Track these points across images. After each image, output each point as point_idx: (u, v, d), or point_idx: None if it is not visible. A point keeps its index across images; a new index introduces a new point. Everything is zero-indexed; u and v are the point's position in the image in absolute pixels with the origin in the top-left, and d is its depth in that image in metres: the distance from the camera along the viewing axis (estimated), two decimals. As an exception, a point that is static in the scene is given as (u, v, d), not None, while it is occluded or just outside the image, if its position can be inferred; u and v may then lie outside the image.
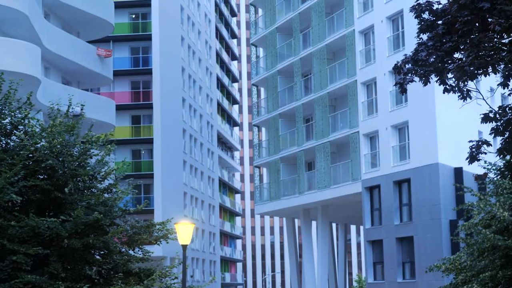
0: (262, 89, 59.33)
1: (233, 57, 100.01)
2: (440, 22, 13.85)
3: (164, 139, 64.92)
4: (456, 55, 13.82)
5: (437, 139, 41.10)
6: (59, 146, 17.81)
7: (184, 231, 17.59)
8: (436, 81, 14.31)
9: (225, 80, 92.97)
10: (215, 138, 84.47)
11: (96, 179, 18.78)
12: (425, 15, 14.38)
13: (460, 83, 13.97)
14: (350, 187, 46.96)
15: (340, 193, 47.95)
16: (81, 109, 19.82)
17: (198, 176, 75.73)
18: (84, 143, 18.39)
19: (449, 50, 13.24)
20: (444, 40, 13.34)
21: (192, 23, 76.40)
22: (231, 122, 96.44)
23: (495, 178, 23.76)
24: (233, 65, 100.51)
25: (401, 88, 14.26)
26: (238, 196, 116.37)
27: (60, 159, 17.89)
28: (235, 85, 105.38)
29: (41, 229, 17.12)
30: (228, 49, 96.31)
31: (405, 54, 14.55)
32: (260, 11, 59.33)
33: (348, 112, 47.32)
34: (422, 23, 14.27)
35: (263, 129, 58.84)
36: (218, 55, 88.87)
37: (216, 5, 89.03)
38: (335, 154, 49.70)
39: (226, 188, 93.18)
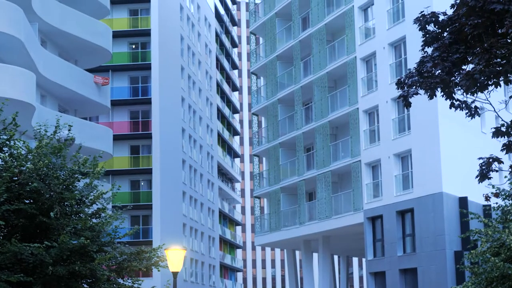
0: (262, 118, 58.53)
1: (234, 88, 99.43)
2: (446, 33, 13.00)
3: (163, 170, 64.02)
4: (464, 67, 12.95)
5: (441, 167, 40.13)
6: (44, 168, 16.89)
7: (175, 257, 16.64)
8: (442, 95, 13.43)
9: (226, 111, 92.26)
10: (216, 169, 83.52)
11: (84, 203, 17.84)
12: (430, 27, 13.55)
13: (468, 96, 13.03)
14: (351, 218, 45.95)
15: (341, 223, 46.92)
16: (69, 130, 18.91)
17: (198, 208, 74.69)
18: (74, 165, 17.47)
19: (456, 62, 12.38)
20: (451, 51, 12.48)
21: (193, 53, 75.85)
22: (232, 153, 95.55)
23: (504, 204, 22.78)
24: (234, 96, 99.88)
25: (405, 101, 13.38)
26: (238, 228, 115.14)
27: (46, 181, 16.97)
28: (236, 116, 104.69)
29: (24, 255, 16.17)
30: (229, 80, 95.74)
31: (409, 69, 13.73)
32: (260, 39, 58.74)
33: (349, 140, 46.46)
34: (427, 35, 13.43)
35: (264, 159, 57.94)
36: (218, 85, 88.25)
37: (217, 35, 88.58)
38: (336, 184, 48.75)
39: (227, 220, 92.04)
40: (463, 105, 13.80)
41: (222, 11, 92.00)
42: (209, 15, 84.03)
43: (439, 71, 12.69)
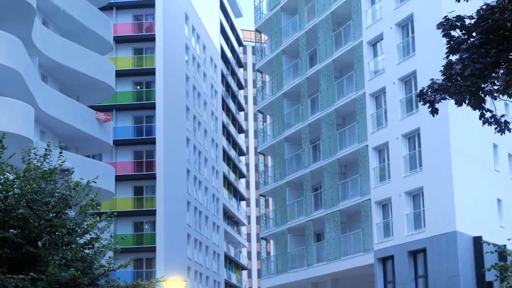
0: (269, 158, 57.18)
1: (240, 130, 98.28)
2: (475, 33, 11.68)
3: (167, 211, 62.53)
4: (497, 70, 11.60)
5: (454, 205, 38.60)
6: (33, 193, 15.52)
7: (174, 290, 15.21)
8: (468, 104, 12.06)
9: (232, 153, 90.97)
10: (221, 212, 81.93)
11: (76, 233, 16.42)
12: (455, 33, 12.26)
13: (502, 98, 11.64)
14: (361, 259, 44.30)
15: (351, 265, 45.25)
16: (60, 152, 17.56)
17: (203, 251, 72.97)
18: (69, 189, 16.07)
19: (489, 66, 11.05)
20: (481, 54, 11.16)
21: (198, 94, 74.83)
22: (238, 196, 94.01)
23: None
24: (240, 138, 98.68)
25: (432, 107, 11.99)
26: (244, 273, 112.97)
27: (34, 208, 15.58)
28: (242, 159, 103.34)
29: (7, 289, 14.75)
30: (235, 121, 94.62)
31: (432, 79, 12.42)
32: (267, 77, 57.70)
33: (359, 179, 45.03)
34: (452, 42, 12.12)
35: (270, 199, 56.46)
36: (224, 127, 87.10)
37: (223, 76, 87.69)
38: (345, 224, 47.18)
39: (232, 264, 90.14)
40: (492, 120, 12.40)
41: (228, 52, 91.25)
42: (215, 55, 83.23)
43: (469, 73, 11.32)
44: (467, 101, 11.97)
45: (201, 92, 75.95)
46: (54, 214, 15.95)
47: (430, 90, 11.93)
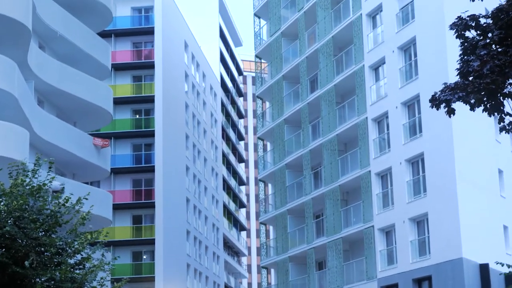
0: (269, 185, 56.24)
1: (240, 159, 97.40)
2: (494, 28, 10.88)
3: (166, 241, 61.46)
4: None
5: (460, 232, 37.63)
6: (20, 210, 14.63)
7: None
8: (484, 110, 11.23)
9: (232, 182, 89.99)
10: (221, 242, 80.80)
11: (66, 252, 15.49)
12: (469, 33, 11.46)
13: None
14: (365, 287, 43.19)
15: (354, 294, 44.19)
16: (49, 167, 16.69)
17: (203, 281, 71.75)
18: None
19: (508, 64, 10.21)
20: (500, 53, 10.35)
21: (198, 122, 74.08)
22: (238, 226, 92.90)
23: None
24: (240, 168, 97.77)
25: (448, 107, 11.11)
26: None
27: (21, 226, 14.69)
28: (243, 188, 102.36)
29: (-9, 311, 13.83)
30: (235, 151, 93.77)
31: (445, 83, 11.60)
32: (267, 104, 56.97)
33: (361, 205, 44.09)
34: (466, 43, 11.31)
35: (271, 227, 55.43)
36: (224, 156, 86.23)
37: (223, 105, 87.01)
38: (348, 252, 46.13)
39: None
40: (510, 126, 11.57)
41: (228, 81, 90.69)
42: (214, 84, 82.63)
43: (488, 69, 10.48)
44: (485, 103, 11.05)
45: (201, 120, 75.22)
46: (43, 232, 15.05)
47: (446, 90, 11.06)
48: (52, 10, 41.11)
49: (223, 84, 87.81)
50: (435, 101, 11.58)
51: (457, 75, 11.20)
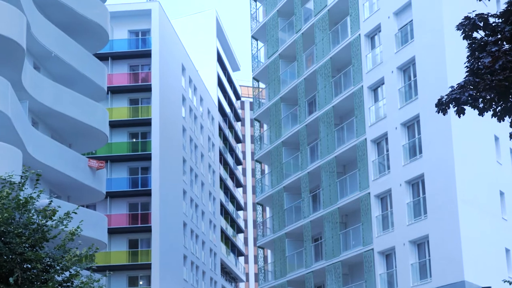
0: (267, 208, 55.50)
1: (238, 184, 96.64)
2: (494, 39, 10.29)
3: (163, 266, 60.54)
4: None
5: (462, 254, 36.88)
6: (4, 224, 13.96)
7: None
8: (494, 115, 10.59)
9: (230, 207, 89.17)
10: (219, 267, 79.84)
11: (53, 269, 14.79)
12: (477, 34, 10.87)
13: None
14: (364, 312, 42.39)
15: (353, 318, 43.34)
16: (37, 178, 16.03)
17: (200, 307, 70.76)
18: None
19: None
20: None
21: (195, 146, 73.44)
22: (236, 251, 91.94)
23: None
24: (238, 193, 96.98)
25: (458, 106, 10.48)
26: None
27: (6, 240, 14.00)
28: (240, 213, 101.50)
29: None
30: (233, 175, 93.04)
31: (452, 86, 11.00)
32: (265, 127, 56.40)
33: (360, 228, 43.36)
34: (474, 45, 10.70)
35: (269, 251, 54.60)
36: (222, 181, 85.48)
37: (220, 129, 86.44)
38: (347, 276, 45.33)
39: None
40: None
41: (225, 105, 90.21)
42: (212, 108, 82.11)
43: (501, 65, 9.86)
44: (494, 108, 10.42)
45: (198, 144, 74.58)
46: (29, 247, 14.35)
47: (455, 89, 10.44)
48: (47, 30, 40.68)
49: (221, 108, 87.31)
50: (442, 105, 10.98)
51: (466, 72, 10.59)
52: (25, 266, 14.23)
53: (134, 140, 63.77)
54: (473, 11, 11.11)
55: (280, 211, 51.21)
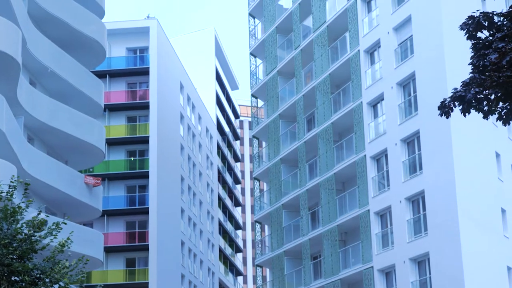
0: (266, 227, 54.91)
1: (237, 203, 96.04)
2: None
3: (160, 285, 59.88)
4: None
5: (463, 272, 36.29)
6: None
7: None
8: (499, 119, 10.13)
9: (228, 226, 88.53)
10: (217, 287, 79.07)
11: (42, 281, 14.27)
12: (481, 34, 10.45)
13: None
14: (364, 331, 41.72)
15: (353, 338, 42.67)
16: (26, 188, 15.53)
17: (198, 327, 69.97)
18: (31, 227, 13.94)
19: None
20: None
21: (193, 164, 72.95)
22: (234, 271, 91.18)
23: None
24: (237, 212, 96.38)
25: (463, 102, 10.01)
26: None
27: (-7, 252, 13.50)
28: (239, 233, 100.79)
29: None
30: (231, 194, 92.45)
31: (455, 88, 10.56)
32: (263, 144, 55.92)
33: (360, 246, 42.77)
34: (478, 45, 10.26)
35: (267, 270, 53.95)
36: (220, 199, 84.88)
37: (219, 148, 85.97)
38: (346, 294, 44.72)
39: None
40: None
41: (224, 124, 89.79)
42: (210, 126, 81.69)
43: (508, 61, 9.40)
44: (499, 111, 9.96)
45: (196, 162, 74.08)
46: (17, 259, 13.84)
47: (460, 87, 10.00)
48: (44, 45, 40.31)
49: (219, 127, 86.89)
50: (444, 108, 10.54)
51: (471, 69, 10.14)
52: (12, 278, 13.71)
53: (132, 158, 63.28)
54: (478, 10, 10.69)
55: (278, 229, 50.64)
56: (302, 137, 49.18)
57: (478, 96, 10.25)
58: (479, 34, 10.56)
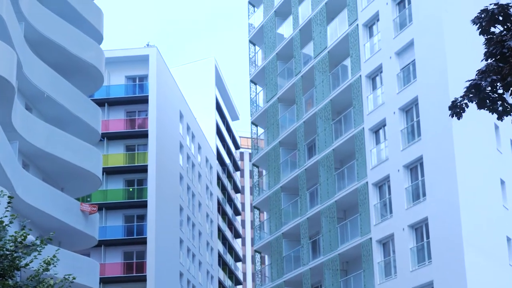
0: (266, 256, 53.87)
1: (237, 235, 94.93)
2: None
3: (158, 316, 58.71)
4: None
5: (468, 301, 35.27)
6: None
7: None
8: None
9: (228, 258, 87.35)
10: (217, 320, 77.79)
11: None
12: (495, 29, 9.70)
13: None
14: None
15: None
16: (9, 201, 14.70)
17: None
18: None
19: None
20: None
21: (192, 194, 72.04)
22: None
23: None
24: (237, 244, 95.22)
25: (478, 94, 9.20)
26: None
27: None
28: (239, 265, 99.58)
29: None
30: (231, 226, 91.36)
31: (468, 80, 9.79)
32: (264, 172, 55.07)
33: (362, 274, 41.76)
34: (492, 40, 9.51)
35: (267, 301, 52.81)
36: (220, 231, 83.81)
37: (219, 178, 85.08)
38: (348, 325, 43.59)
39: None
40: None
41: (224, 154, 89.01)
42: (210, 156, 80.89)
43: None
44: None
45: (196, 193, 73.16)
46: (-2, 276, 12.99)
47: (476, 75, 9.23)
48: (40, 70, 39.69)
49: (219, 157, 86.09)
50: (456, 108, 9.78)
51: (486, 54, 9.38)
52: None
53: (131, 189, 62.34)
54: (491, 4, 9.97)
55: (278, 259, 49.62)
56: (302, 165, 48.36)
57: (495, 85, 9.49)
58: (492, 29, 9.84)
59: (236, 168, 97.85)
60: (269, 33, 53.48)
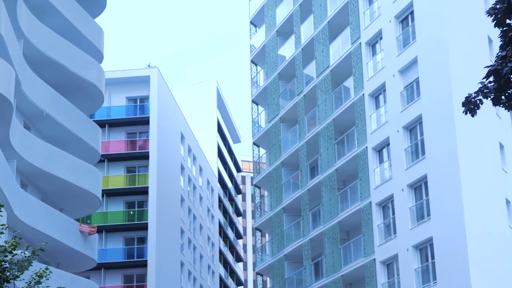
0: (268, 279, 53.07)
1: (238, 259, 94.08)
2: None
3: None
4: None
5: (475, 322, 34.48)
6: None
7: None
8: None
9: (229, 282, 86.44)
10: None
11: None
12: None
13: None
14: None
15: None
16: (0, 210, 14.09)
17: None
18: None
19: None
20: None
21: (194, 217, 71.34)
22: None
23: None
24: (238, 268, 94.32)
25: (498, 76, 8.63)
26: None
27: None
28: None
29: None
30: (233, 249, 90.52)
31: (481, 82, 9.26)
32: (265, 193, 54.43)
33: (366, 297, 41.00)
34: (509, 33, 8.97)
35: (269, 325, 51.99)
36: (221, 254, 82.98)
37: (220, 201, 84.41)
38: None
39: None
40: None
41: (226, 177, 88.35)
42: (212, 179, 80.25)
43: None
44: None
45: (197, 215, 72.45)
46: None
47: (495, 61, 8.68)
48: (39, 88, 39.17)
49: (221, 180, 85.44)
50: (469, 104, 9.23)
51: (501, 47, 8.81)
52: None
53: (131, 212, 61.65)
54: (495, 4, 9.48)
55: (281, 281, 48.83)
56: (305, 185, 47.72)
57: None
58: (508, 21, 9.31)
59: (238, 191, 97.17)
60: (271, 53, 53.08)
